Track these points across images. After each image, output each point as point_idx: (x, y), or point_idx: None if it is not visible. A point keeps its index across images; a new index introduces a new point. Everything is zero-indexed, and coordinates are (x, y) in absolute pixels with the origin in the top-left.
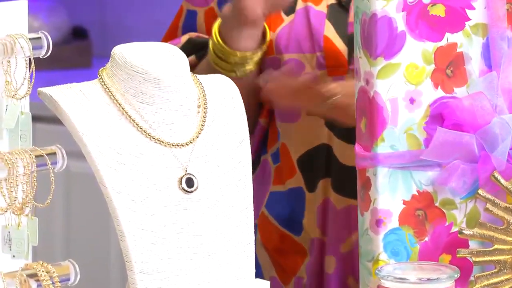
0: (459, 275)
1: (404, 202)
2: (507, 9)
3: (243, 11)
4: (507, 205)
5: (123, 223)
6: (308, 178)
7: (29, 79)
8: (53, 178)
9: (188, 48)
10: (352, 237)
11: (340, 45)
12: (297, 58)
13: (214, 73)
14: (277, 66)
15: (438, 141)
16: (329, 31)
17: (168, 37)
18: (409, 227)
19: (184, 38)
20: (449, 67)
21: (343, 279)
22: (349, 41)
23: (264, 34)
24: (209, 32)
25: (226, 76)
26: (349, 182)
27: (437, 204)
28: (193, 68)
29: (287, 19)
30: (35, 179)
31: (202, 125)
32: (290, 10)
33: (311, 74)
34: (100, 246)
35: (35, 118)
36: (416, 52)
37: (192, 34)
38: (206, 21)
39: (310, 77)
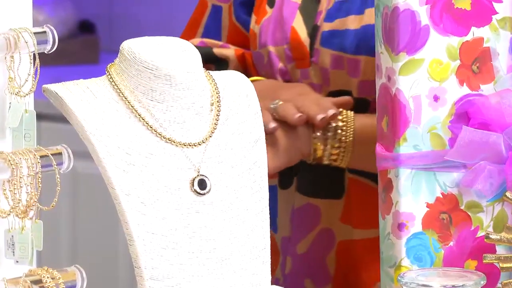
0: (485, 281)
1: (428, 205)
2: None
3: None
4: None
5: (132, 226)
6: (283, 175)
7: (34, 76)
8: (58, 180)
9: None
10: (308, 237)
11: (304, 36)
12: (273, 51)
13: None
14: (260, 59)
15: (464, 140)
16: (298, 22)
17: (187, 35)
18: (433, 231)
19: None
20: (475, 63)
21: (299, 281)
22: (312, 32)
23: None
24: (231, 30)
25: None
26: (308, 179)
27: (462, 207)
28: None
29: (269, 12)
30: (40, 181)
31: (215, 123)
32: (272, 2)
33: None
34: (108, 251)
35: (40, 117)
36: (440, 47)
37: (195, 41)
38: (229, 18)
39: None
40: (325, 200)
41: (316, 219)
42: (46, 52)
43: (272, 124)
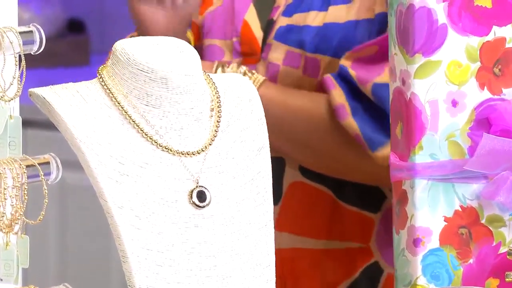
0: None
1: (446, 219)
2: None
3: None
4: None
5: (125, 242)
6: None
7: (19, 79)
8: (46, 191)
9: None
10: None
11: (257, 30)
12: (218, 44)
13: None
14: (199, 53)
15: (485, 149)
16: (251, 15)
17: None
18: (451, 247)
19: None
20: (497, 65)
21: None
22: (266, 27)
23: None
24: None
25: None
26: None
27: (483, 221)
28: None
29: (216, 2)
30: (25, 192)
31: (215, 130)
32: None
33: None
34: (100, 268)
35: (26, 123)
36: (459, 48)
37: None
38: None
39: None
40: None
41: None
42: (32, 53)
43: None
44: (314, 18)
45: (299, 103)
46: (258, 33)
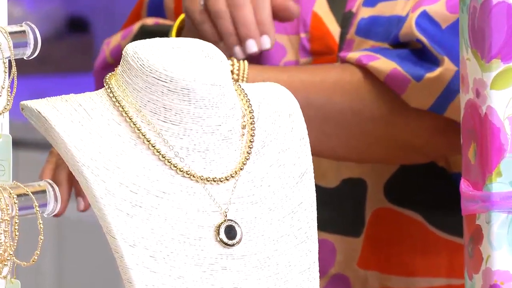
0: None
1: None
2: None
3: None
4: None
5: None
6: None
7: (9, 89)
8: (41, 226)
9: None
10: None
11: (332, 25)
12: (278, 40)
13: None
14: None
15: None
16: (321, 6)
17: (131, 20)
18: None
19: (137, 26)
20: None
21: None
22: (343, 21)
23: None
24: (177, 14)
25: None
26: (321, 210)
27: None
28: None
29: None
30: (17, 228)
31: (248, 152)
32: None
33: None
34: None
35: (18, 143)
36: None
37: (148, 21)
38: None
39: None
40: (341, 236)
41: (330, 261)
42: (25, 58)
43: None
44: (404, 7)
45: (318, 77)
46: (334, 28)
